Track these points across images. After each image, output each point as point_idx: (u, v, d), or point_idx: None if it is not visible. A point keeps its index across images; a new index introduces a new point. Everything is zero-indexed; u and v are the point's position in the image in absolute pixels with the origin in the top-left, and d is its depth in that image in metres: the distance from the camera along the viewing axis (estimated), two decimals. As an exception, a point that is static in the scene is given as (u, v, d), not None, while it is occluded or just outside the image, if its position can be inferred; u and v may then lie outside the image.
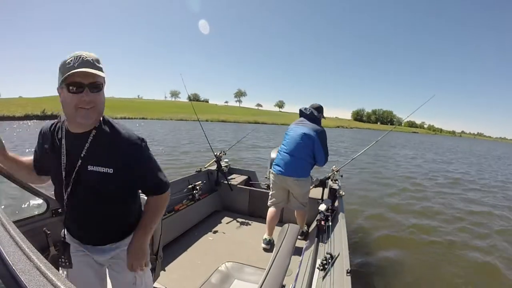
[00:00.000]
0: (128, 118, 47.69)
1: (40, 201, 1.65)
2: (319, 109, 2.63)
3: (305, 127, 2.51)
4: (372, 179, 7.89)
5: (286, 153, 2.53)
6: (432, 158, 16.50)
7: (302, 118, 2.64)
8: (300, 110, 2.67)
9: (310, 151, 2.46)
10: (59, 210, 1.69)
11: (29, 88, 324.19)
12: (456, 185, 8.35)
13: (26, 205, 3.62)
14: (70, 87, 0.84)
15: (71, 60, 0.83)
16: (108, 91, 1.10)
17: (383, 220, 4.56)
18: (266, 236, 2.61)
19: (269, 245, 2.58)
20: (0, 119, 30.51)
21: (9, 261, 0.46)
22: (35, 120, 32.35)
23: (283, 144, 2.61)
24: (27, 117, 34.00)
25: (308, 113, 2.60)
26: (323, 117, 2.67)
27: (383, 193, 6.40)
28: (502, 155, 26.97)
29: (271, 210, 2.65)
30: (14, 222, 1.09)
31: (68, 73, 0.82)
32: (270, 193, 2.70)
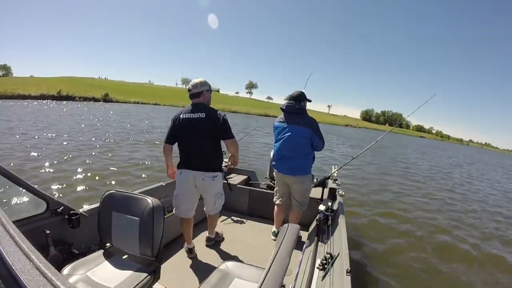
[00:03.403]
0: (142, 103, 48.29)
1: (40, 201, 1.66)
2: (300, 97, 2.47)
3: (298, 126, 2.40)
4: (373, 179, 7.75)
5: (284, 154, 2.45)
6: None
7: (288, 114, 2.48)
8: (282, 109, 2.51)
9: (309, 147, 2.43)
10: (59, 210, 1.71)
11: (40, 67, 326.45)
12: (453, 192, 7.98)
13: (26, 205, 3.58)
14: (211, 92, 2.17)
15: None
16: (119, 75, 0.91)
17: (383, 220, 4.53)
18: (274, 229, 2.72)
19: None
20: (16, 98, 31.33)
21: (9, 261, 0.46)
22: (49, 100, 33.05)
23: (279, 145, 2.49)
24: (42, 97, 34.67)
25: (291, 110, 2.45)
26: (308, 100, 2.54)
27: (384, 193, 6.32)
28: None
29: (276, 205, 2.71)
30: (14, 222, 1.05)
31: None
32: (275, 189, 2.74)
